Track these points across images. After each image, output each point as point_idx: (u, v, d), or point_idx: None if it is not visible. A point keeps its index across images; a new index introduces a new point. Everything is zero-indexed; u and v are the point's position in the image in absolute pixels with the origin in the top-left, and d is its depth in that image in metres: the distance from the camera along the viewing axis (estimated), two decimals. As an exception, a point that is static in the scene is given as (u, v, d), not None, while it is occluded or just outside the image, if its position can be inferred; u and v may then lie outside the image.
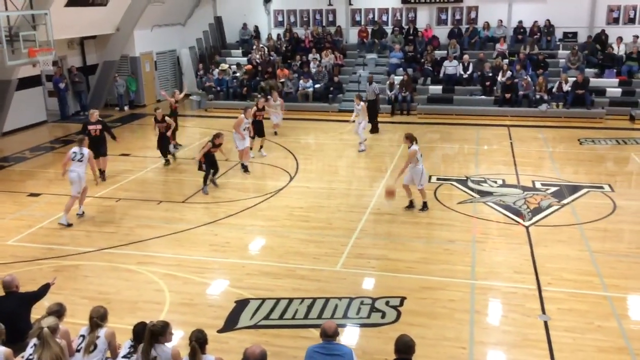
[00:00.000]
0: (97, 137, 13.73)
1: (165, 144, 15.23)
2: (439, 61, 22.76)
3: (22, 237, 10.89)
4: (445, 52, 23.11)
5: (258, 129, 15.94)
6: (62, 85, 21.26)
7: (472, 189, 13.15)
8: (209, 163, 13.07)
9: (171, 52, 25.82)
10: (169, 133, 15.10)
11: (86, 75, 22.89)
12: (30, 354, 5.51)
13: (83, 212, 11.94)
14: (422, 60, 23.05)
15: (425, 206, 11.83)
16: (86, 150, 11.55)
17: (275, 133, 18.21)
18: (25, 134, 19.30)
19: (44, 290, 7.09)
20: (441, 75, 22.36)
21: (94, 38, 22.85)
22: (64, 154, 16.18)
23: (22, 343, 6.02)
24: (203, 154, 12.97)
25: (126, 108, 23.26)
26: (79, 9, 19.06)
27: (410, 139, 11.69)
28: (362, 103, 16.82)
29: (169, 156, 15.50)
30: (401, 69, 22.87)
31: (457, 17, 24.36)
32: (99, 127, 13.84)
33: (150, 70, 24.43)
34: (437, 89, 22.06)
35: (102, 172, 13.94)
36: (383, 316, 7.96)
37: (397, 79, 21.96)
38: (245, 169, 14.67)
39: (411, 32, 24.31)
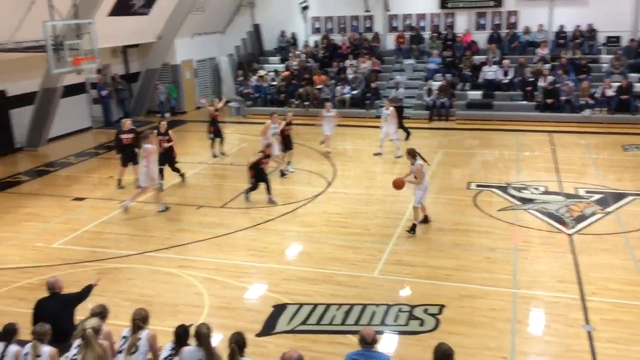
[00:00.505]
0: (130, 145, 14.06)
1: (171, 160, 14.11)
2: (477, 66, 22.51)
3: (67, 240, 11.18)
4: (485, 57, 22.82)
5: (286, 143, 15.27)
6: (104, 93, 21.77)
7: (513, 196, 12.93)
8: (257, 175, 12.78)
9: (211, 59, 26.21)
10: (169, 146, 13.86)
11: (129, 82, 23.42)
12: (74, 354, 5.64)
13: (127, 208, 12.46)
14: (461, 65, 22.82)
15: (413, 229, 10.89)
16: (149, 145, 12.35)
17: (322, 143, 17.21)
18: (70, 140, 19.83)
19: (87, 291, 7.26)
20: (480, 80, 22.11)
21: (136, 46, 23.37)
22: (108, 160, 16.63)
23: (66, 343, 6.16)
24: (252, 166, 12.73)
25: (167, 115, 23.68)
26: (122, 18, 19.53)
27: (412, 154, 10.90)
28: (391, 108, 16.79)
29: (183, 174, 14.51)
30: (439, 74, 22.70)
31: (497, 21, 24.04)
32: (131, 135, 14.12)
33: (190, 77, 24.85)
34: (476, 94, 21.80)
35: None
36: (421, 324, 7.88)
37: (435, 85, 21.80)
38: (282, 173, 14.79)
39: (449, 37, 24.11)
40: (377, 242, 10.61)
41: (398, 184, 11.02)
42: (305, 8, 25.91)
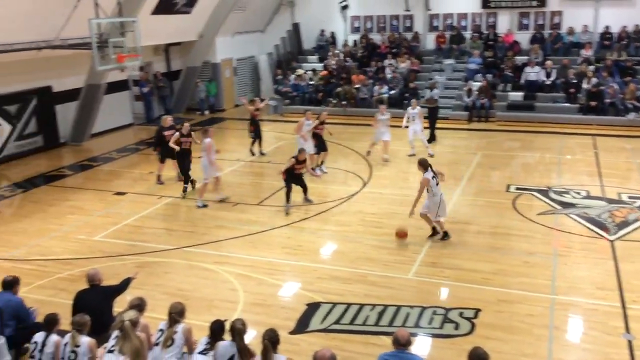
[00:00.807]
0: (169, 142, 14.13)
1: (186, 163, 13.59)
2: (519, 67, 22.12)
3: (107, 233, 11.44)
4: (527, 57, 22.41)
5: (320, 144, 14.97)
6: (146, 90, 22.17)
7: (553, 200, 12.67)
8: (290, 180, 12.36)
9: (250, 58, 26.44)
10: (187, 148, 13.52)
11: (170, 80, 23.80)
12: (112, 346, 5.76)
13: (223, 198, 12.91)
14: (502, 66, 22.46)
15: (446, 235, 10.67)
16: (208, 139, 12.57)
17: (386, 160, 15.87)
18: (112, 135, 20.27)
19: (125, 284, 7.42)
20: (522, 81, 21.72)
21: (178, 45, 23.73)
22: (148, 156, 16.94)
23: (104, 335, 6.30)
24: (285, 170, 12.28)
25: (207, 112, 23.98)
26: (165, 17, 19.86)
27: (424, 165, 10.41)
28: (418, 107, 16.65)
29: (189, 184, 13.71)
30: (479, 75, 22.40)
31: (540, 22, 23.57)
32: (172, 132, 14.19)
33: (230, 76, 25.12)
34: (517, 95, 21.43)
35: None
36: (456, 327, 7.79)
37: (475, 86, 21.51)
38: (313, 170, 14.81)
39: (491, 37, 23.75)
40: (413, 244, 10.53)
41: (401, 236, 10.54)
42: (345, 7, 25.89)
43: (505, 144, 18.16)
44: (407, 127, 16.48)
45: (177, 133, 13.35)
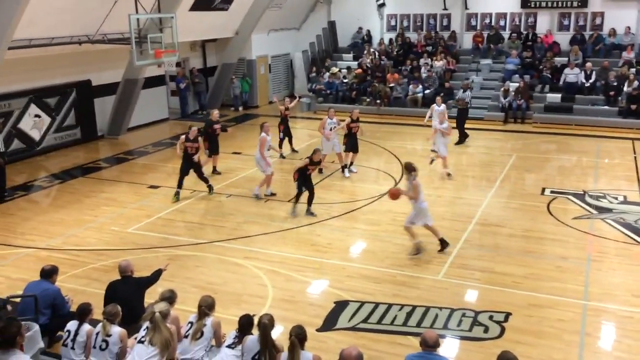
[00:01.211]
0: (218, 136, 14.62)
1: (187, 168, 12.97)
2: (558, 68, 21.69)
3: (141, 225, 11.64)
4: (566, 59, 21.97)
5: (352, 144, 14.67)
6: (182, 85, 22.46)
7: (589, 204, 12.40)
8: (302, 181, 11.88)
9: (285, 55, 26.55)
10: (196, 157, 12.96)
11: (206, 76, 24.05)
12: (143, 336, 5.86)
13: (271, 193, 13.09)
14: (541, 67, 22.07)
15: (444, 244, 10.04)
16: (263, 134, 12.98)
17: (449, 175, 14.43)
18: (148, 129, 20.59)
19: (156, 276, 7.54)
20: (561, 83, 21.29)
21: (214, 41, 23.97)
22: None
23: (135, 325, 6.42)
24: (297, 170, 11.87)
25: (240, 108, 24.18)
26: (203, 13, 20.07)
27: (410, 169, 9.84)
28: (443, 105, 16.52)
29: (180, 189, 13.07)
30: (517, 75, 22.04)
31: (581, 22, 23.07)
32: (219, 126, 14.63)
33: (264, 72, 25.27)
34: (555, 97, 21.01)
35: (214, 169, 14.81)
36: (486, 330, 7.70)
37: (513, 86, 21.17)
38: (343, 169, 14.79)
39: (530, 37, 23.34)
40: (443, 245, 10.43)
41: (394, 194, 10.07)
42: (381, 5, 25.78)
43: (542, 146, 17.85)
44: (429, 126, 16.33)
45: (182, 137, 13.01)
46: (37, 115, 17.16)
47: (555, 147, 17.76)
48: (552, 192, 13.27)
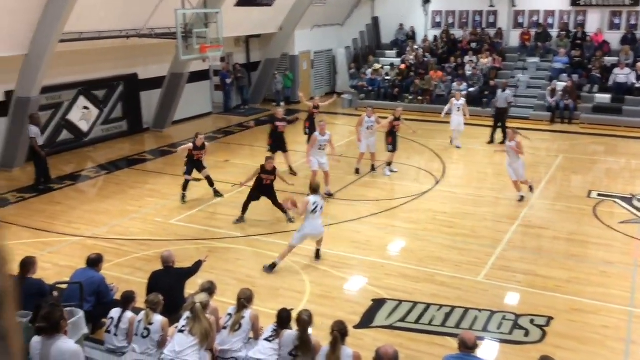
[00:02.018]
0: (283, 134, 14.43)
1: (191, 170, 12.79)
2: (608, 68, 21.07)
3: (182, 217, 11.84)
4: (617, 58, 21.31)
5: (394, 142, 14.45)
6: (228, 81, 22.66)
7: (637, 208, 12.03)
8: (258, 192, 11.36)
9: (328, 51, 26.55)
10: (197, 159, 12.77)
11: (249, 71, 24.26)
12: (183, 326, 5.97)
13: (330, 193, 12.76)
14: (590, 66, 21.47)
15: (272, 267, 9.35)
16: (328, 134, 12.81)
17: (531, 189, 12.93)
18: (192, 123, 20.89)
19: (197, 266, 7.66)
20: (610, 83, 20.68)
21: (258, 37, 24.14)
22: (226, 144, 17.38)
23: (176, 315, 6.53)
24: (249, 179, 11.42)
25: (282, 104, 24.29)
26: (248, 9, 20.24)
27: (313, 189, 9.52)
28: (462, 99, 16.50)
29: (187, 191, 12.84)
30: (565, 75, 21.51)
31: (633, 21, 22.32)
32: (284, 123, 14.47)
33: (307, 68, 25.33)
34: (604, 97, 20.42)
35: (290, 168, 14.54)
36: (526, 334, 7.57)
37: (560, 86, 20.67)
38: (372, 167, 14.72)
39: (579, 36, 22.74)
40: (485, 246, 10.29)
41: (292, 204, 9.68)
42: (427, 2, 25.50)
43: (589, 147, 17.40)
44: (448, 122, 16.91)
45: (190, 144, 12.66)
46: (85, 107, 17.62)
47: (603, 149, 17.28)
48: (598, 195, 12.92)
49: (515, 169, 12.41)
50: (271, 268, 9.36)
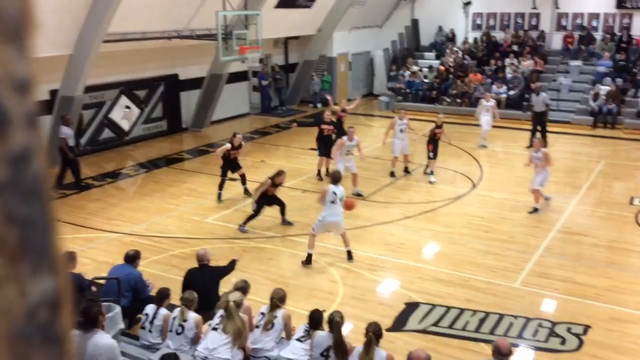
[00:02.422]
0: (330, 137, 14.13)
1: (226, 170, 12.83)
2: (655, 72, 20.48)
3: (219, 216, 11.98)
4: (664, 62, 20.70)
5: (435, 149, 13.98)
6: (265, 83, 22.77)
7: (682, 217, 11.65)
8: (263, 202, 11.03)
9: (366, 53, 26.49)
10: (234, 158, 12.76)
11: (286, 72, 24.39)
12: (217, 324, 6.04)
13: (359, 194, 12.74)
14: (635, 70, 20.89)
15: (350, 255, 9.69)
16: (356, 140, 12.69)
17: (546, 199, 12.39)
18: (229, 123, 21.11)
19: (231, 265, 7.75)
20: (656, 87, 20.10)
21: (296, 38, 24.26)
22: (261, 144, 17.52)
23: (210, 312, 6.63)
24: (260, 192, 10.98)
25: (319, 105, 24.34)
26: (287, 11, 20.36)
27: (333, 178, 9.70)
28: (492, 100, 16.62)
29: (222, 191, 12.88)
30: (609, 78, 20.97)
31: (682, 23, 21.67)
32: (332, 127, 14.13)
33: (344, 70, 25.32)
34: (650, 102, 19.85)
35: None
36: (563, 342, 7.41)
37: (603, 89, 20.17)
38: (406, 170, 14.62)
39: (624, 39, 22.15)
40: (522, 252, 10.12)
41: (349, 205, 10.00)
42: (467, 3, 25.22)
43: (633, 153, 16.92)
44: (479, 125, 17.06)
45: (228, 145, 12.59)
46: (127, 107, 18.00)
47: (648, 155, 16.80)
48: (642, 202, 12.57)
49: (538, 179, 11.80)
50: (308, 261, 9.52)
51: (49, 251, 0.60)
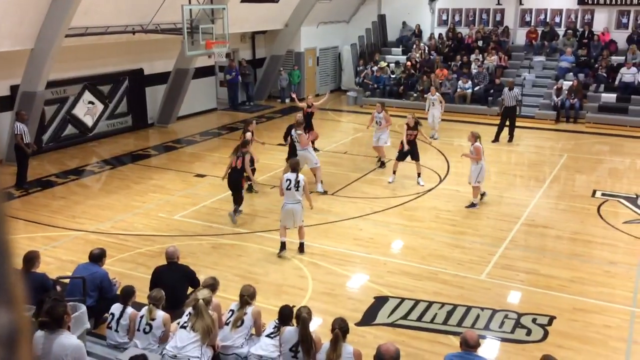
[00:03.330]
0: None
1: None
2: (615, 68, 20.98)
3: (186, 213, 11.86)
4: (623, 58, 21.22)
5: (412, 151, 13.38)
6: (228, 77, 22.42)
7: (642, 209, 12.00)
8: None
9: (333, 48, 26.52)
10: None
11: (254, 67, 24.25)
12: (185, 322, 5.99)
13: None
14: (596, 65, 21.39)
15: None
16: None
17: (482, 196, 12.42)
18: (196, 119, 20.93)
19: (198, 283, 7.48)
20: (616, 83, 20.59)
21: (264, 33, 24.14)
22: (229, 140, 17.39)
23: (178, 310, 6.56)
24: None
25: (287, 101, 24.29)
26: (253, 5, 20.23)
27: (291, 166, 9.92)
28: (437, 94, 17.44)
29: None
30: (571, 74, 21.42)
31: (641, 20, 22.24)
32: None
33: (312, 65, 25.30)
34: (610, 97, 20.33)
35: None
36: (528, 333, 7.56)
37: (566, 85, 20.60)
38: (381, 164, 14.74)
39: (586, 35, 22.64)
40: (488, 245, 10.28)
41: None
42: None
43: (594, 147, 17.34)
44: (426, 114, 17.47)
45: (248, 133, 12.62)
46: (90, 102, 17.66)
47: (608, 149, 17.23)
48: (603, 194, 12.88)
49: (475, 175, 11.88)
50: (282, 248, 9.70)
51: (5, 285, 0.55)
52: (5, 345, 0.53)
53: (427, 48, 24.32)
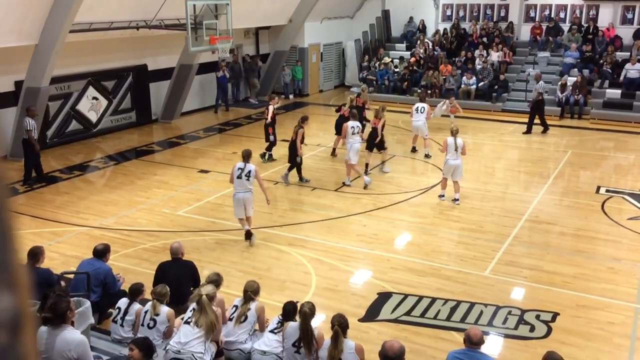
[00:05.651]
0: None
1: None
2: (619, 64, 20.89)
3: (190, 209, 11.88)
4: (628, 54, 21.12)
5: (372, 141, 13.64)
6: (219, 75, 21.64)
7: (646, 205, 11.96)
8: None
9: (337, 44, 26.46)
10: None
11: (257, 63, 24.18)
12: (189, 317, 6.01)
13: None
14: (601, 61, 21.29)
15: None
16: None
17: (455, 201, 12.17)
18: (200, 115, 20.93)
19: (199, 281, 7.48)
20: (621, 79, 20.50)
21: (267, 28, 24.09)
22: (233, 136, 17.39)
23: (182, 306, 6.58)
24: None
25: (291, 96, 24.27)
26: (258, 0, 20.18)
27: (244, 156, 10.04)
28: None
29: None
30: (576, 69, 21.34)
31: (646, 16, 22.13)
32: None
33: (316, 61, 25.26)
34: (615, 93, 20.26)
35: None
36: (532, 330, 7.56)
37: (570, 80, 20.52)
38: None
39: (591, 30, 22.54)
40: (491, 241, 10.27)
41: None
42: (437, -6, 25.38)
43: (599, 143, 17.29)
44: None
45: (301, 130, 12.99)
46: (94, 98, 17.67)
47: (613, 145, 17.17)
48: (607, 191, 12.85)
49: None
50: (247, 237, 9.94)
51: (8, 267, 0.54)
52: (8, 329, 0.52)
53: (431, 44, 24.25)
